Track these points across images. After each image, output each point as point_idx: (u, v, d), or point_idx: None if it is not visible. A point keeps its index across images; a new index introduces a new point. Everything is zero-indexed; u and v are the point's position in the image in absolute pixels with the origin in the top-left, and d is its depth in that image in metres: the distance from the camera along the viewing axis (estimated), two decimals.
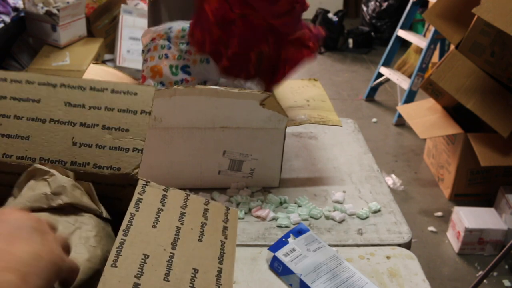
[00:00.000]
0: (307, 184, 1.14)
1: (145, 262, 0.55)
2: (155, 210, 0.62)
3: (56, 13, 2.61)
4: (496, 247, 2.17)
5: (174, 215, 0.63)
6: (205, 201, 0.69)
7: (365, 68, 4.39)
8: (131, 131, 0.70)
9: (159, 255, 0.57)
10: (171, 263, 0.56)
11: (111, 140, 0.69)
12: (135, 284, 0.52)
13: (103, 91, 0.73)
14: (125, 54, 2.91)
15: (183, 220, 0.63)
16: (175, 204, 0.65)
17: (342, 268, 0.85)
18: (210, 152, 1.06)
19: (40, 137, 0.68)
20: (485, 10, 1.92)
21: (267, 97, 0.99)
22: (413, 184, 2.70)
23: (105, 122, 0.70)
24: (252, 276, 0.87)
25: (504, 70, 2.22)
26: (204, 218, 0.66)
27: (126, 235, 0.57)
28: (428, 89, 2.51)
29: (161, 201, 0.64)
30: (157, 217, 0.61)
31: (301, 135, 1.36)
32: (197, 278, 0.57)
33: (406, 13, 3.45)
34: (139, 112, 0.72)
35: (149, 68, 1.14)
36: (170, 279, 0.55)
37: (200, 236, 0.62)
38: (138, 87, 0.75)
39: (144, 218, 0.60)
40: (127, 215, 0.59)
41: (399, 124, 3.35)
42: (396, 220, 1.03)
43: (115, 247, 0.55)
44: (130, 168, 0.67)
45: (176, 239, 0.60)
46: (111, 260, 0.53)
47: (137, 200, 0.62)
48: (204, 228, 0.64)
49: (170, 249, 0.58)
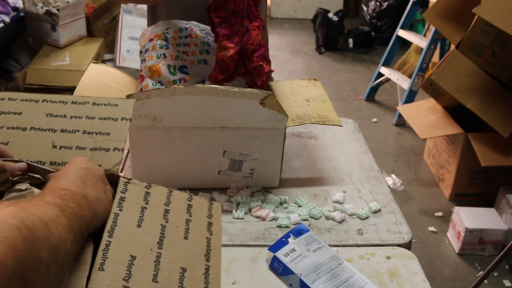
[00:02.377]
0: (307, 184, 1.14)
1: (132, 264, 0.54)
2: (139, 208, 0.62)
3: (56, 13, 2.61)
4: (496, 247, 2.16)
5: (158, 213, 0.62)
6: (188, 197, 0.68)
7: (365, 68, 4.39)
8: (112, 134, 0.71)
9: (146, 255, 0.56)
10: (158, 263, 0.56)
11: (92, 143, 0.69)
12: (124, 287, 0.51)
13: (85, 104, 0.74)
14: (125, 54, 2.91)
15: (167, 217, 0.62)
16: (159, 201, 0.64)
17: (342, 268, 0.85)
18: (210, 152, 1.05)
19: (20, 142, 0.68)
20: (485, 10, 1.91)
21: (267, 97, 0.99)
22: (413, 184, 2.70)
23: (86, 128, 0.71)
24: (252, 276, 0.87)
25: (505, 70, 2.21)
26: (188, 214, 0.65)
27: (112, 236, 0.56)
28: (428, 89, 2.51)
29: (144, 198, 0.63)
30: (141, 216, 0.61)
31: (301, 135, 1.35)
32: (186, 278, 0.56)
33: (406, 13, 3.45)
34: (120, 119, 0.73)
35: (147, 67, 1.14)
36: (158, 280, 0.54)
37: (186, 233, 0.62)
38: (119, 100, 0.76)
39: (128, 217, 0.59)
40: (110, 216, 0.58)
41: (399, 124, 3.35)
42: (396, 220, 1.03)
43: (101, 249, 0.54)
44: (111, 165, 0.67)
45: (162, 238, 0.59)
46: (98, 263, 0.53)
47: (120, 199, 0.61)
48: (189, 225, 0.63)
49: (156, 249, 0.57)
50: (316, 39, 4.81)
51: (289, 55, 4.62)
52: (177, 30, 1.17)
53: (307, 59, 4.57)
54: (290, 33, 5.23)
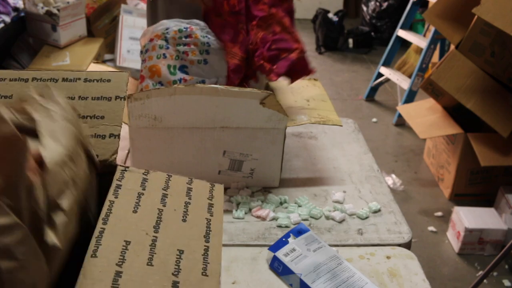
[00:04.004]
0: (307, 184, 1.14)
1: (126, 249, 0.53)
2: (135, 194, 0.61)
3: (56, 13, 2.61)
4: (496, 247, 2.17)
5: (155, 197, 0.62)
6: (188, 180, 0.67)
7: (365, 68, 4.39)
8: (106, 117, 0.69)
9: (141, 240, 0.55)
10: (154, 247, 0.55)
11: (87, 129, 0.68)
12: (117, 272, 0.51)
13: (76, 81, 0.72)
14: (125, 54, 2.91)
15: (165, 202, 0.61)
16: (156, 186, 0.63)
17: (342, 268, 0.85)
18: (210, 152, 1.06)
19: None
20: (485, 10, 1.92)
21: (267, 96, 0.99)
22: (413, 184, 2.70)
23: (80, 111, 0.69)
24: (252, 276, 0.87)
25: (504, 70, 2.22)
26: (188, 197, 0.64)
27: (106, 223, 0.55)
28: (428, 89, 2.51)
29: (141, 185, 0.63)
30: (137, 202, 0.60)
31: (301, 135, 1.36)
32: (183, 259, 0.55)
33: (406, 13, 3.44)
34: (114, 98, 0.71)
35: (148, 68, 1.14)
36: (153, 263, 0.53)
37: (184, 216, 0.61)
38: (111, 74, 0.74)
39: (123, 204, 0.59)
40: (106, 203, 0.58)
41: (399, 124, 3.35)
42: (396, 220, 1.03)
43: (95, 236, 0.53)
44: (108, 155, 0.66)
45: (159, 222, 0.58)
46: (90, 250, 0.52)
47: (116, 186, 0.61)
48: (188, 208, 0.62)
49: (152, 233, 0.57)
50: (316, 39, 4.81)
51: None
52: (177, 30, 1.17)
53: None
54: None
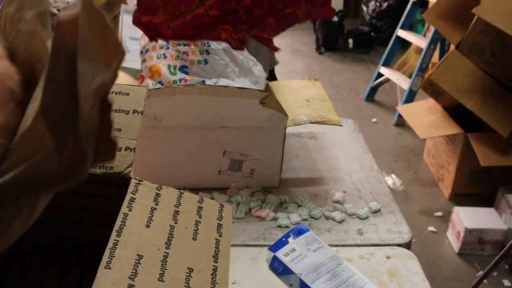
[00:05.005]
0: (307, 184, 1.14)
1: (139, 263, 0.54)
2: (149, 209, 0.62)
3: (56, 13, 2.60)
4: (496, 247, 2.17)
5: (167, 214, 0.63)
6: (199, 199, 0.68)
7: (365, 68, 4.39)
8: (123, 130, 0.70)
9: (153, 255, 0.56)
10: (165, 263, 0.56)
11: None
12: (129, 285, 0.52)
13: None
14: None
15: (177, 218, 0.63)
16: (169, 202, 0.65)
17: (342, 268, 0.85)
18: (210, 152, 1.06)
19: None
20: (485, 10, 1.92)
21: (267, 96, 0.99)
22: (413, 184, 2.70)
23: None
24: (252, 276, 0.87)
25: (504, 70, 2.22)
26: (198, 216, 0.65)
27: (120, 235, 0.56)
28: (428, 89, 2.51)
29: (154, 200, 0.64)
30: (150, 216, 0.61)
31: (301, 135, 1.36)
32: (192, 278, 0.56)
33: (406, 13, 3.45)
34: (131, 112, 0.72)
35: (148, 68, 1.14)
36: (164, 279, 0.54)
37: (195, 234, 0.62)
38: (130, 87, 0.75)
39: (137, 217, 0.60)
40: (120, 215, 0.59)
41: (399, 124, 3.35)
42: (396, 220, 1.03)
43: (109, 248, 0.55)
44: (123, 167, 0.67)
45: (170, 239, 0.59)
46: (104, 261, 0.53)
47: (130, 199, 0.62)
48: (198, 227, 0.63)
49: (164, 249, 0.58)
50: (316, 39, 4.81)
51: (289, 55, 4.62)
52: None
53: (307, 59, 4.57)
54: (290, 33, 5.22)
